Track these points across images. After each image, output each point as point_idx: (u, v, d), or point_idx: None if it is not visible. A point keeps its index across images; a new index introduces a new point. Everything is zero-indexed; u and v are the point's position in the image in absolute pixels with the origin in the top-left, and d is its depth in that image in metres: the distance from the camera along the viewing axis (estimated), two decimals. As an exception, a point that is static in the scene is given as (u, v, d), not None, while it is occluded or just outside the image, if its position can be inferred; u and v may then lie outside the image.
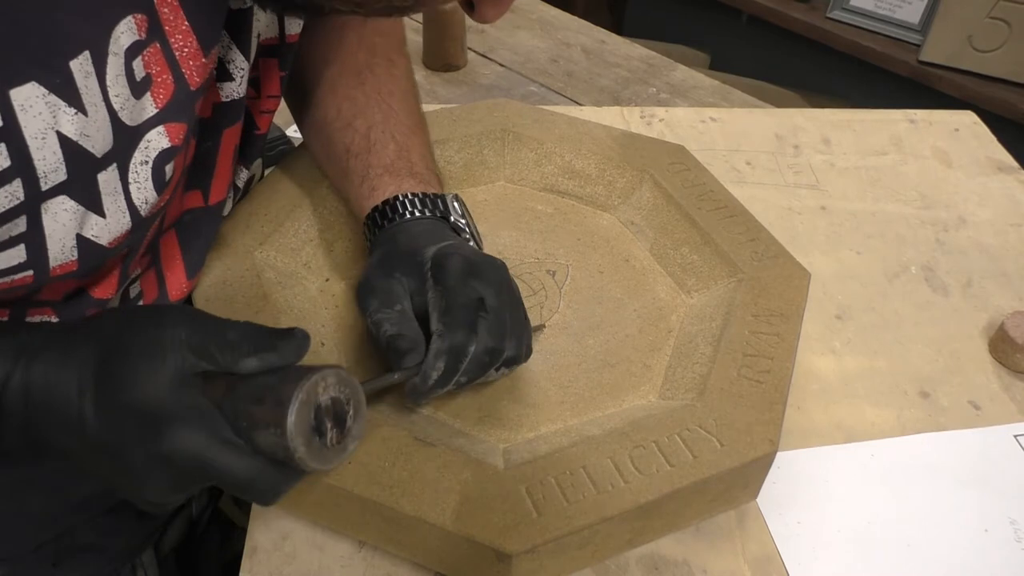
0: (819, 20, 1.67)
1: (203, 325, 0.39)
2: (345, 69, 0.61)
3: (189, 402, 0.38)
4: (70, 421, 0.38)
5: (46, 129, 0.37)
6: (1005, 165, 0.86)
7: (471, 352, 0.47)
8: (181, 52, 0.44)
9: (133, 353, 0.38)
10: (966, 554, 0.53)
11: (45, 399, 0.38)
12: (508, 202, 0.69)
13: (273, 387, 0.38)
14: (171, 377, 0.38)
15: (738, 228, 0.63)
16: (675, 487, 0.47)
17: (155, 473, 0.38)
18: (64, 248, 0.41)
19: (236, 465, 0.38)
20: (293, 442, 0.37)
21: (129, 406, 0.37)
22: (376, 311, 0.49)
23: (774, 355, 0.53)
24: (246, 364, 0.39)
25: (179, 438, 0.37)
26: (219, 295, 0.55)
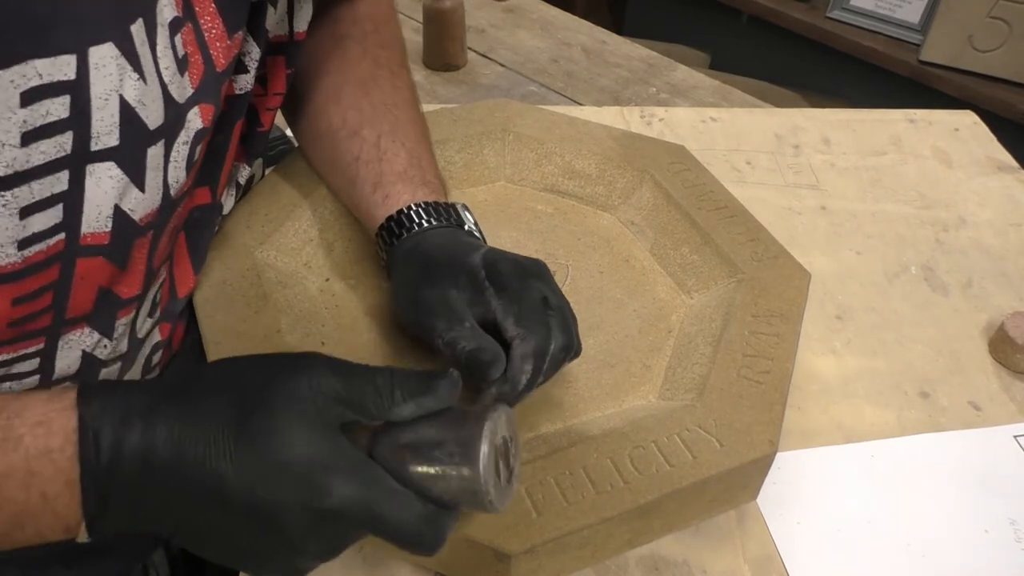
0: (819, 20, 1.67)
1: (350, 372, 0.37)
2: (349, 80, 0.61)
3: (345, 453, 0.35)
4: (208, 484, 0.34)
5: (111, 91, 0.38)
6: (1005, 165, 0.86)
7: (551, 351, 0.46)
8: (209, 33, 0.44)
9: (278, 404, 0.35)
10: (966, 554, 0.53)
11: (174, 463, 0.34)
12: (508, 202, 0.69)
13: (448, 430, 0.37)
14: (323, 429, 0.35)
15: (738, 228, 0.63)
16: (675, 487, 0.47)
17: (315, 532, 0.35)
18: (100, 216, 0.41)
19: (406, 514, 0.36)
20: (486, 484, 0.36)
21: (279, 461, 0.34)
22: (447, 330, 0.47)
23: (774, 355, 0.53)
24: (401, 411, 0.37)
25: (344, 491, 0.34)
26: (219, 295, 0.55)
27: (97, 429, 0.34)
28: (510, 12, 1.32)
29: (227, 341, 0.52)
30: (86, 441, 0.34)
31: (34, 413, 0.35)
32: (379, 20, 0.65)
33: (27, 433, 0.34)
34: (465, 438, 0.37)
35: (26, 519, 0.35)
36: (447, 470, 0.36)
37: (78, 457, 0.34)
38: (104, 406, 0.35)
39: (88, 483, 0.34)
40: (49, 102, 0.36)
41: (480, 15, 1.30)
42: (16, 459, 0.34)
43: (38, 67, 0.35)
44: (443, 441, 0.37)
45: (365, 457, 0.36)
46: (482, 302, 0.48)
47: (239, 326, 0.53)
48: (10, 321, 0.41)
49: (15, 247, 0.38)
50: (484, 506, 0.37)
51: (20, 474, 0.34)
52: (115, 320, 0.48)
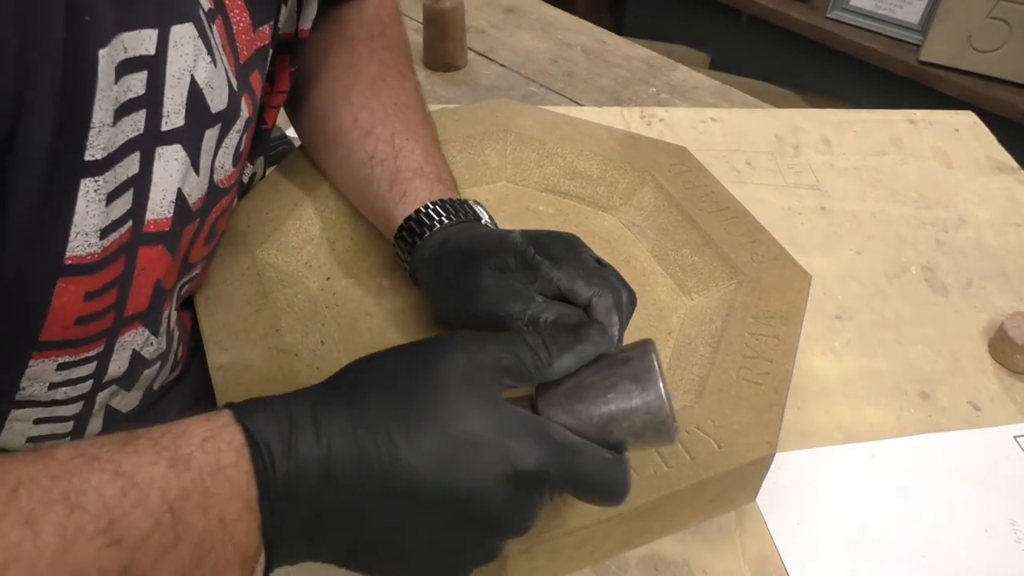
0: (819, 20, 1.67)
1: (501, 339, 0.37)
2: (358, 81, 0.61)
3: (525, 418, 0.35)
4: (396, 480, 0.33)
5: (184, 70, 0.38)
6: (1005, 165, 0.86)
7: (625, 304, 0.46)
8: (237, 26, 0.45)
9: (447, 384, 0.34)
10: (966, 555, 0.53)
11: (354, 466, 0.33)
12: (510, 202, 0.69)
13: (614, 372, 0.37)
14: (495, 399, 0.35)
15: (739, 230, 0.63)
16: (672, 489, 0.47)
17: (515, 503, 0.35)
18: (164, 201, 0.40)
19: (599, 462, 0.36)
20: (672, 409, 0.36)
21: (467, 440, 0.33)
22: (524, 310, 0.46)
23: (773, 357, 0.53)
24: (562, 364, 0.37)
25: (538, 453, 0.34)
26: (219, 293, 0.55)
27: (268, 441, 0.32)
28: (510, 12, 1.32)
29: (226, 339, 0.52)
30: (259, 454, 0.32)
31: (198, 432, 0.32)
32: (385, 22, 0.65)
33: (197, 451, 0.31)
34: (637, 371, 0.37)
35: (206, 550, 0.31)
36: (629, 406, 0.36)
37: (254, 472, 0.32)
38: (267, 418, 0.33)
39: (266, 501, 0.32)
40: (131, 77, 0.35)
41: (480, 15, 1.30)
42: (190, 480, 0.30)
43: (125, 40, 0.34)
44: (616, 382, 0.37)
45: (541, 418, 0.36)
46: (538, 276, 0.47)
47: (239, 324, 0.53)
48: (78, 317, 0.39)
49: (98, 236, 0.37)
50: (670, 434, 0.37)
51: (198, 496, 0.30)
52: (161, 315, 0.47)
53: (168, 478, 0.30)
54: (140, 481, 0.29)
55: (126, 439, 0.31)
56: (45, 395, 0.43)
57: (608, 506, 0.39)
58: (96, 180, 0.35)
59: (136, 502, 0.29)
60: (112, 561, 0.28)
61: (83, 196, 0.35)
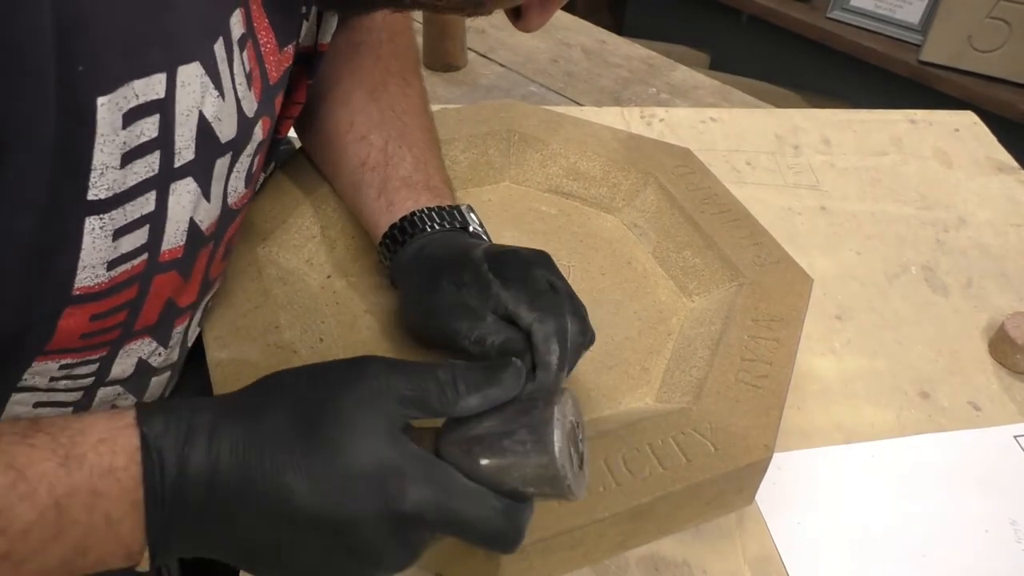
0: (819, 20, 1.67)
1: (411, 371, 0.36)
2: (359, 85, 0.61)
3: (414, 455, 0.35)
4: (277, 501, 0.33)
5: (192, 107, 0.38)
6: (1005, 165, 0.86)
7: (571, 333, 0.45)
8: (265, 47, 0.45)
9: (342, 412, 0.34)
10: (966, 555, 0.53)
11: (239, 481, 0.33)
12: (512, 203, 0.69)
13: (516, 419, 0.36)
14: (390, 434, 0.34)
15: (741, 232, 0.63)
16: (667, 490, 0.47)
17: (393, 540, 0.34)
18: (178, 231, 0.41)
19: (483, 511, 0.35)
20: (563, 468, 0.35)
21: (350, 471, 0.33)
22: (471, 329, 0.46)
23: (772, 360, 0.53)
24: (467, 404, 0.36)
25: (420, 495, 0.34)
26: (219, 290, 0.55)
27: (160, 448, 0.33)
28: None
29: (225, 336, 0.53)
30: (150, 460, 0.33)
31: (96, 431, 0.33)
32: (395, 28, 0.65)
33: (91, 451, 0.33)
34: (535, 423, 0.36)
35: (90, 544, 0.33)
36: (521, 459, 0.35)
37: (142, 476, 0.33)
38: (167, 424, 0.34)
39: (152, 504, 0.33)
40: (143, 122, 0.36)
41: (480, 15, 1.30)
42: (80, 479, 0.32)
43: (136, 88, 0.35)
44: (512, 430, 0.36)
45: (435, 458, 0.36)
46: (490, 296, 0.47)
47: (238, 321, 0.53)
48: (83, 334, 0.41)
49: (104, 268, 0.38)
50: (562, 492, 0.36)
51: (84, 495, 0.32)
52: (172, 329, 0.48)
53: (58, 475, 0.32)
54: (30, 476, 0.31)
55: (27, 430, 0.33)
56: (45, 385, 0.44)
57: (499, 552, 0.38)
58: (102, 218, 0.36)
59: (23, 496, 0.31)
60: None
61: (88, 233, 0.36)
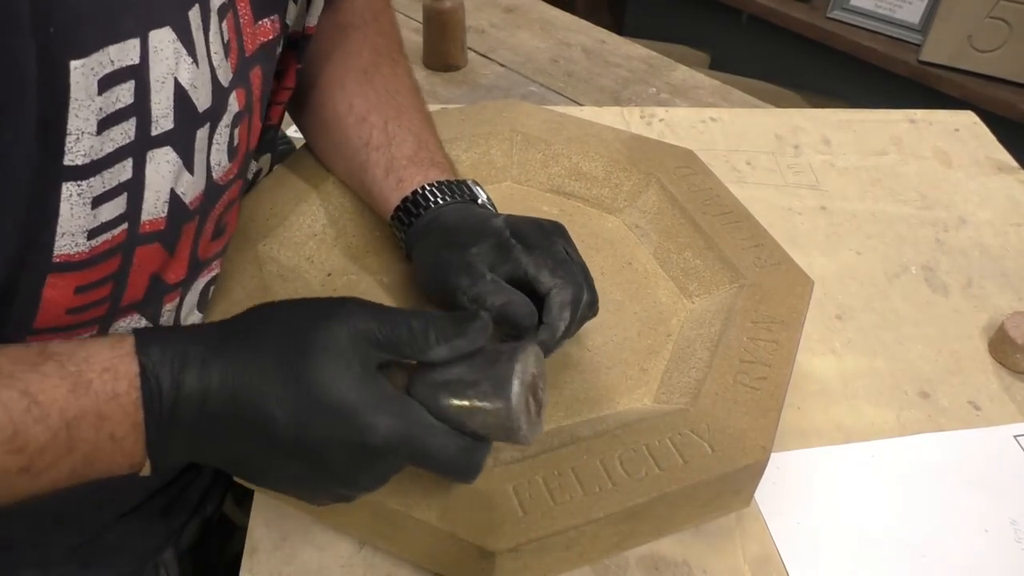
0: (819, 20, 1.67)
1: (387, 317, 0.39)
2: (351, 67, 0.61)
3: (384, 393, 0.38)
4: (259, 426, 0.37)
5: (167, 74, 0.39)
6: (1005, 165, 0.86)
7: (584, 302, 0.48)
8: (243, 19, 0.46)
9: (320, 349, 0.37)
10: (966, 554, 0.53)
11: (227, 406, 0.37)
12: (514, 202, 0.69)
13: (481, 370, 0.39)
14: (364, 371, 0.38)
15: (742, 234, 0.63)
16: (663, 491, 0.47)
17: (362, 467, 0.38)
18: (158, 202, 0.42)
19: (445, 446, 0.38)
20: (517, 420, 0.39)
21: (325, 404, 0.37)
22: (470, 287, 0.48)
23: (771, 362, 0.53)
24: (436, 352, 0.39)
25: (388, 428, 0.37)
26: (218, 287, 0.56)
27: (157, 375, 0.37)
28: (510, 12, 1.32)
29: None
30: (148, 386, 0.36)
31: (101, 359, 0.37)
32: (377, 10, 0.66)
33: (96, 378, 0.36)
34: (497, 376, 0.39)
35: (97, 457, 0.37)
36: (482, 406, 0.39)
37: (142, 401, 0.36)
38: (163, 353, 0.37)
39: (151, 425, 0.37)
40: (119, 88, 0.37)
41: (480, 15, 1.30)
42: (87, 403, 0.36)
43: (111, 53, 0.36)
44: (477, 380, 0.39)
45: (404, 396, 0.39)
46: (510, 260, 0.49)
47: None
48: (69, 308, 0.42)
49: (85, 236, 0.39)
50: (517, 439, 0.40)
51: (92, 417, 0.36)
52: (162, 307, 0.49)
53: (68, 400, 0.35)
54: (43, 401, 0.35)
55: (38, 359, 0.36)
56: None
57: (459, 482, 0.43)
58: (79, 184, 0.38)
59: (38, 419, 0.35)
60: (13, 463, 0.34)
61: (66, 200, 0.38)
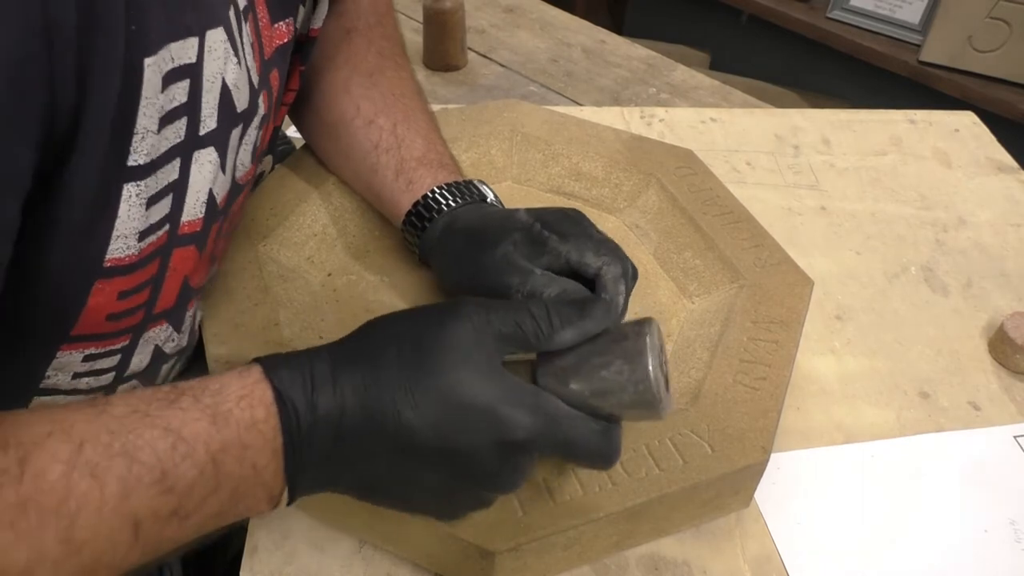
0: (819, 20, 1.67)
1: (507, 309, 0.39)
2: (356, 71, 0.61)
3: (518, 387, 0.37)
4: (399, 438, 0.36)
5: (217, 74, 0.39)
6: (1005, 165, 0.86)
7: (631, 272, 0.48)
8: (262, 22, 0.46)
9: (449, 352, 0.37)
10: (966, 555, 0.53)
11: (364, 422, 0.36)
12: (514, 202, 0.68)
13: (610, 350, 0.39)
14: (493, 367, 0.37)
15: (742, 234, 0.63)
16: (663, 491, 0.47)
17: (505, 465, 0.37)
18: (197, 202, 0.42)
19: (586, 433, 0.38)
20: (658, 392, 0.39)
21: (464, 406, 0.36)
22: (523, 284, 0.48)
23: (771, 362, 0.53)
24: (562, 337, 0.39)
25: (529, 422, 0.37)
26: (219, 287, 0.56)
27: (292, 398, 0.36)
28: (510, 12, 1.32)
29: (225, 332, 0.53)
30: (285, 410, 0.36)
31: (233, 389, 0.36)
32: (381, 13, 0.66)
33: (234, 407, 0.35)
34: (630, 352, 0.39)
35: (242, 492, 0.36)
36: (619, 384, 0.39)
37: (280, 426, 0.36)
38: (292, 375, 0.37)
39: (289, 450, 0.36)
40: (176, 86, 0.37)
41: (480, 15, 1.30)
42: (229, 434, 0.35)
43: (172, 50, 0.36)
44: (609, 360, 0.39)
45: (537, 388, 0.39)
46: (547, 251, 0.49)
47: (237, 318, 0.53)
48: (110, 315, 0.41)
49: (136, 238, 0.39)
50: (656, 412, 0.39)
51: (235, 448, 0.35)
52: (185, 313, 0.49)
53: (211, 433, 0.34)
54: (187, 436, 0.34)
55: (172, 396, 0.35)
56: (68, 384, 0.44)
57: (599, 469, 0.43)
58: (138, 185, 0.37)
59: (184, 455, 0.34)
60: (164, 505, 0.33)
61: (125, 200, 0.37)
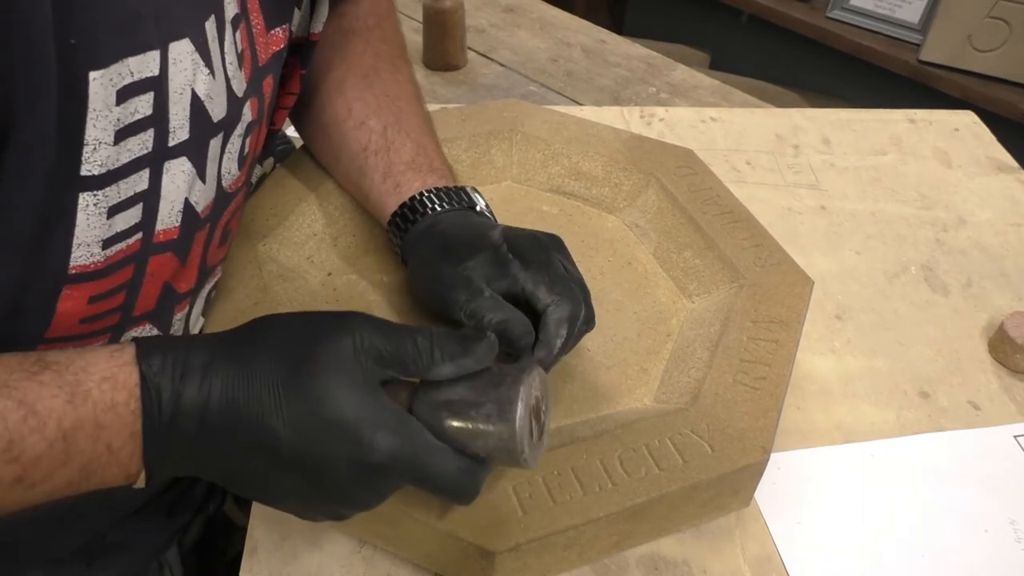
0: (819, 20, 1.67)
1: (392, 332, 0.38)
2: (351, 72, 0.61)
3: (387, 410, 0.37)
4: (259, 439, 0.36)
5: (185, 85, 0.39)
6: (1005, 165, 0.86)
7: (581, 318, 0.48)
8: (255, 29, 0.46)
9: (324, 363, 0.37)
10: (966, 554, 0.53)
11: (227, 418, 0.36)
12: (514, 202, 0.69)
13: (485, 391, 0.39)
14: (367, 387, 0.37)
15: (742, 234, 0.63)
16: (663, 491, 0.47)
17: (360, 484, 0.38)
18: (172, 211, 0.42)
19: (445, 467, 0.38)
20: (521, 444, 0.38)
21: (328, 419, 0.36)
22: (467, 302, 0.48)
23: (771, 362, 0.53)
24: (441, 371, 0.38)
25: (389, 446, 0.37)
26: (219, 286, 0.56)
27: (158, 385, 0.36)
28: (510, 12, 1.32)
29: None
30: (148, 397, 0.36)
31: (99, 369, 0.36)
32: (381, 15, 0.66)
33: (95, 388, 0.35)
34: (502, 399, 0.39)
35: (93, 469, 0.36)
36: (485, 429, 0.38)
37: (141, 412, 0.36)
38: (164, 362, 0.37)
39: (149, 436, 0.36)
40: (137, 99, 0.37)
41: (480, 15, 1.30)
42: (85, 413, 0.35)
43: (130, 65, 0.36)
44: (481, 402, 0.39)
45: (407, 414, 0.38)
46: (507, 275, 0.49)
47: (238, 317, 0.54)
48: (83, 318, 0.42)
49: (100, 246, 0.39)
50: (519, 463, 0.39)
51: (89, 427, 0.35)
52: (172, 316, 0.49)
53: (65, 410, 0.35)
54: (40, 410, 0.34)
55: (35, 368, 0.35)
56: None
57: (455, 504, 0.43)
58: (95, 195, 0.37)
59: (34, 429, 0.34)
60: (8, 474, 0.34)
61: (83, 209, 0.37)
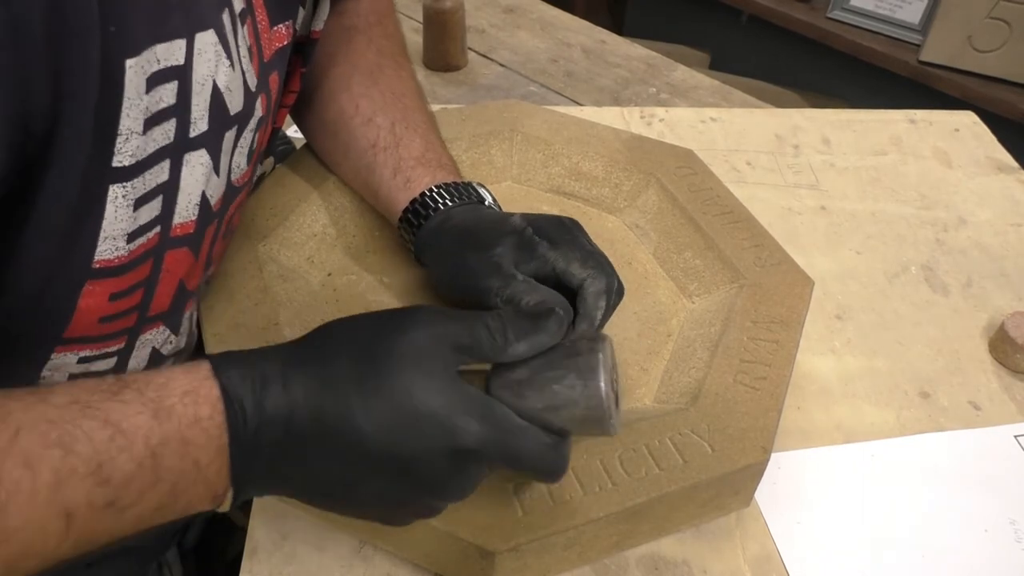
0: (819, 20, 1.67)
1: (463, 319, 0.39)
2: (356, 69, 0.61)
3: (470, 396, 0.37)
4: (348, 442, 0.36)
5: (207, 76, 0.39)
6: (1005, 165, 0.86)
7: (615, 289, 0.48)
8: (260, 25, 0.46)
9: (403, 358, 0.37)
10: (966, 554, 0.53)
11: (313, 424, 0.36)
12: (514, 202, 0.69)
13: (563, 364, 0.39)
14: (447, 376, 0.37)
15: (743, 234, 0.63)
16: (663, 491, 0.47)
17: (454, 473, 0.37)
18: (190, 204, 0.42)
19: (535, 446, 0.38)
20: (608, 409, 0.39)
21: (415, 412, 0.36)
22: (503, 287, 0.48)
23: (772, 362, 0.53)
24: (516, 350, 0.39)
25: (478, 432, 0.37)
26: (219, 287, 0.56)
27: (240, 397, 0.35)
28: (510, 12, 1.32)
29: (225, 332, 0.53)
30: (232, 409, 0.35)
31: (179, 384, 0.35)
32: (381, 12, 0.66)
33: (177, 403, 0.35)
34: (582, 368, 0.39)
35: (182, 488, 0.35)
36: (570, 399, 0.39)
37: (226, 425, 0.35)
38: (242, 374, 0.36)
39: (236, 449, 0.35)
40: (162, 88, 0.37)
41: (480, 15, 1.30)
42: (171, 429, 0.34)
43: (158, 52, 0.36)
44: (562, 375, 0.39)
45: (490, 398, 0.39)
46: (535, 257, 0.49)
47: (238, 318, 0.53)
48: (102, 317, 0.41)
49: (125, 240, 0.39)
50: (606, 429, 0.40)
51: (176, 443, 0.34)
52: (182, 315, 0.49)
53: (151, 427, 0.34)
54: (126, 429, 0.33)
55: (115, 387, 0.34)
56: None
57: (546, 483, 0.44)
58: (124, 186, 0.37)
59: (122, 448, 0.33)
60: (99, 497, 0.32)
61: (112, 201, 0.37)
